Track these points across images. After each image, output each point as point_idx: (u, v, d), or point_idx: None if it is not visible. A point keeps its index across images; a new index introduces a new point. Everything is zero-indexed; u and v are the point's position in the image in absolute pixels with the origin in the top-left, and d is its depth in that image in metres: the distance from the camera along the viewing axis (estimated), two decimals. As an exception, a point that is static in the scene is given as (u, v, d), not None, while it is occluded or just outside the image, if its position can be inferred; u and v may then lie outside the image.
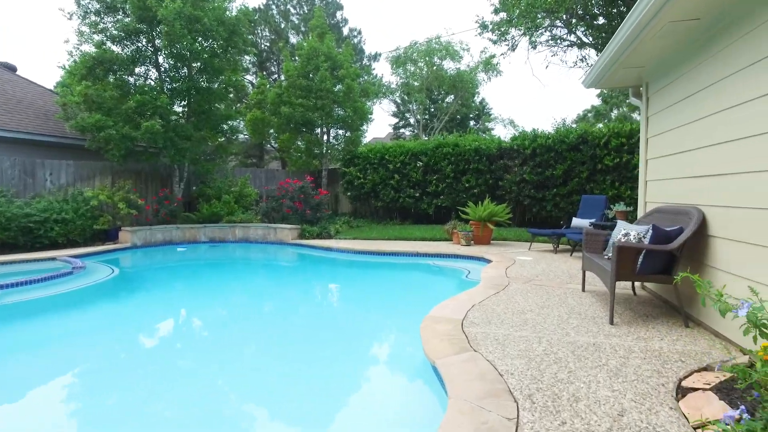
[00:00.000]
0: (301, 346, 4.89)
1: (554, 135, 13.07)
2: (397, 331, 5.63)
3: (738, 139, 3.82)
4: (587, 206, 10.48)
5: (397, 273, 9.21)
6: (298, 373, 4.10)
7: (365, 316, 6.30)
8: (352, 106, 16.95)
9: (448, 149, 14.76)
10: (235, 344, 5.07)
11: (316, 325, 5.79)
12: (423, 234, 12.72)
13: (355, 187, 16.84)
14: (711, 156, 4.26)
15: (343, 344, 4.99)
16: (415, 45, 34.68)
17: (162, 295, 7.60)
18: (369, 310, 6.59)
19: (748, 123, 3.65)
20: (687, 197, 4.80)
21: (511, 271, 7.35)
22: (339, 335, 5.32)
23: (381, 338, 5.42)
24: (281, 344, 5.06)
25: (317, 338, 5.18)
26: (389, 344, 5.21)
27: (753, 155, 3.59)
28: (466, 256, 9.55)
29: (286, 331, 5.55)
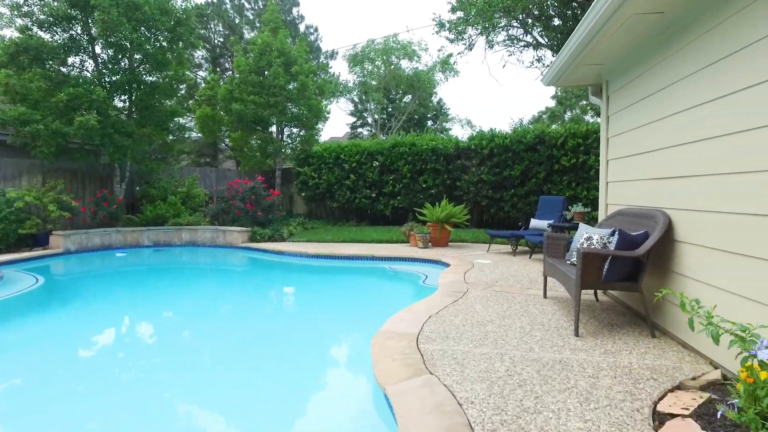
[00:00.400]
0: (234, 366, 4.38)
1: (512, 135, 12.94)
2: (348, 348, 5.17)
3: (704, 140, 3.59)
4: (545, 207, 10.35)
5: (351, 279, 8.76)
6: (222, 403, 3.59)
7: (313, 331, 5.75)
8: (307, 103, 16.37)
9: (405, 149, 14.43)
10: (160, 366, 4.50)
11: (257, 341, 5.26)
12: (379, 236, 12.33)
13: (310, 188, 16.28)
14: (676, 157, 4.04)
15: (286, 366, 4.48)
16: (372, 43, 34.37)
17: (94, 306, 6.86)
18: (317, 323, 6.08)
19: (714, 123, 3.41)
20: (651, 199, 4.58)
21: (470, 276, 7.04)
22: (282, 355, 4.81)
23: (328, 359, 4.87)
24: (211, 364, 4.53)
25: (255, 357, 4.67)
26: (337, 366, 4.68)
27: (721, 156, 3.36)
28: (423, 260, 9.21)
29: (220, 348, 5.00)
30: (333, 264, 9.71)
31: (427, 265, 8.97)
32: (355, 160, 15.26)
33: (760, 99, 2.97)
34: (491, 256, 9.33)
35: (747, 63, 3.10)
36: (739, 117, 3.18)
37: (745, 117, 3.12)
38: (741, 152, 3.18)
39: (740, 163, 3.17)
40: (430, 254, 9.49)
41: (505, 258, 9.01)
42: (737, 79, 3.21)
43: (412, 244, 11.01)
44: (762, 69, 2.96)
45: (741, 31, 3.17)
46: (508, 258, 9.03)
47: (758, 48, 3.01)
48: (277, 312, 6.87)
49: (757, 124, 3.00)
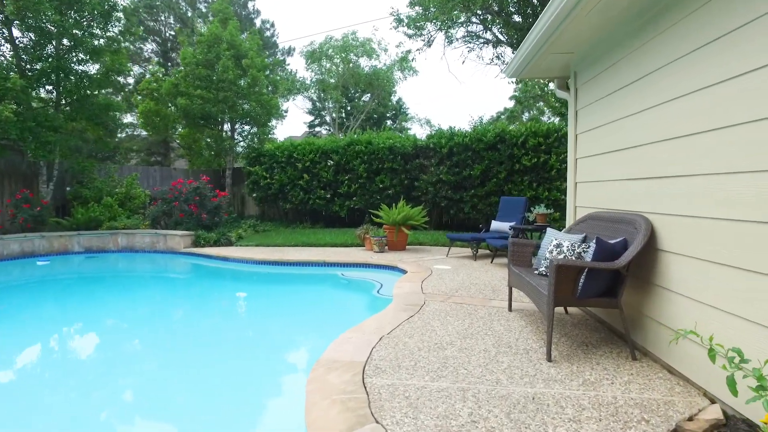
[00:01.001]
0: (146, 406, 3.60)
1: (472, 134, 12.48)
2: (280, 385, 4.13)
3: (690, 135, 3.09)
4: (507, 208, 9.90)
5: (299, 288, 8.02)
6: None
7: (241, 358, 4.70)
8: (258, 99, 15.48)
9: (361, 147, 13.76)
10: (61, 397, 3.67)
11: (179, 374, 4.47)
12: (334, 239, 11.62)
13: (262, 188, 15.38)
14: (658, 155, 3.54)
15: (203, 411, 3.74)
16: (330, 40, 33.58)
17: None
18: (250, 347, 5.21)
19: (703, 116, 2.91)
20: (628, 202, 4.09)
21: (428, 285, 6.44)
22: (202, 394, 4.05)
23: (251, 404, 3.74)
24: (124, 402, 3.73)
25: (173, 393, 3.90)
26: (260, 414, 3.67)
27: (710, 154, 2.85)
28: (378, 266, 8.57)
29: (138, 380, 4.20)
30: (281, 271, 8.94)
31: (383, 272, 8.34)
32: (309, 159, 14.49)
33: (759, 86, 2.46)
34: (451, 260, 8.78)
35: (744, 45, 2.60)
36: (735, 108, 2.67)
37: (741, 108, 2.61)
38: (734, 149, 2.67)
39: (733, 161, 2.67)
40: (386, 259, 8.87)
41: (465, 263, 8.48)
42: (730, 64, 2.71)
43: (367, 248, 10.36)
44: (760, 52, 2.46)
45: (736, 10, 2.67)
46: (468, 263, 8.51)
47: (755, 28, 2.50)
48: (210, 335, 6.05)
49: (755, 116, 2.50)
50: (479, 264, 8.38)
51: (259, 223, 15.31)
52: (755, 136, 2.52)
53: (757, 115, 2.50)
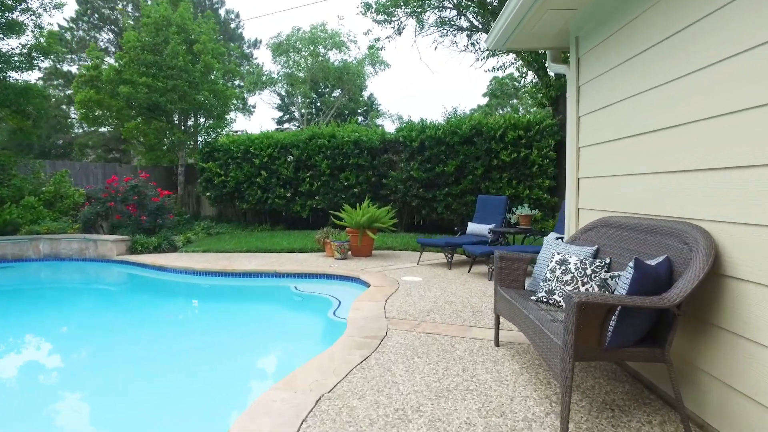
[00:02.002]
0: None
1: (445, 126, 11.32)
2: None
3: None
4: (485, 208, 8.78)
5: (242, 307, 6.70)
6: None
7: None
8: (211, 88, 14.01)
9: (324, 141, 12.45)
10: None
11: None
12: (292, 243, 10.32)
13: (216, 186, 13.92)
14: (724, 133, 2.38)
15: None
16: (298, 32, 32.14)
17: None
18: (149, 403, 3.98)
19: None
20: (664, 206, 2.93)
21: (394, 304, 5.22)
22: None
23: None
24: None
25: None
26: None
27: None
28: (338, 276, 7.32)
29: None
30: (225, 283, 7.60)
31: (343, 285, 7.09)
32: (267, 154, 13.10)
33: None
34: (422, 269, 7.59)
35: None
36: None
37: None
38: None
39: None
40: (348, 268, 7.62)
41: (439, 273, 7.30)
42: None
43: (327, 254, 9.09)
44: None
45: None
46: (442, 272, 7.32)
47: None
48: (101, 390, 4.68)
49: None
50: (455, 274, 7.20)
51: (214, 224, 13.87)
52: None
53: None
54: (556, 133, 10.64)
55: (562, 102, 10.92)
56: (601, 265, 3.16)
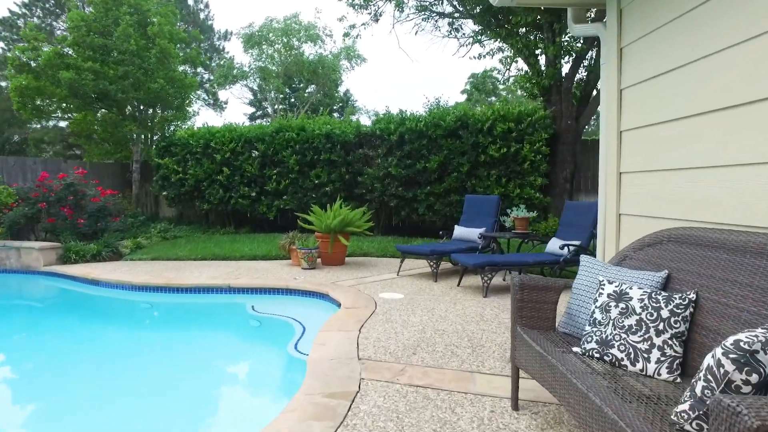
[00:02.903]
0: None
1: (427, 118, 10.20)
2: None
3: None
4: (474, 210, 7.70)
5: (180, 336, 5.44)
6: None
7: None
8: (167, 75, 12.61)
9: (292, 134, 11.20)
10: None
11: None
12: (255, 249, 9.09)
13: (173, 185, 12.54)
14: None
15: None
16: (271, 22, 30.74)
17: None
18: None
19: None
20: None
21: (370, 335, 4.07)
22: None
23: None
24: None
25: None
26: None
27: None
28: (304, 292, 6.13)
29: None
30: (167, 300, 6.35)
31: (309, 303, 5.92)
32: (230, 149, 11.79)
33: None
34: (403, 282, 6.45)
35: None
36: None
37: None
38: None
39: None
40: (316, 280, 6.43)
41: (423, 287, 6.17)
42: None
43: (294, 262, 7.89)
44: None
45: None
46: (427, 285, 6.20)
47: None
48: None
49: None
50: (442, 288, 6.09)
51: (173, 227, 12.51)
52: None
53: None
54: (548, 126, 9.64)
55: (555, 92, 9.92)
56: (682, 303, 2.07)
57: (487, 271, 5.59)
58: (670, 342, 2.04)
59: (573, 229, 6.25)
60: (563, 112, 9.81)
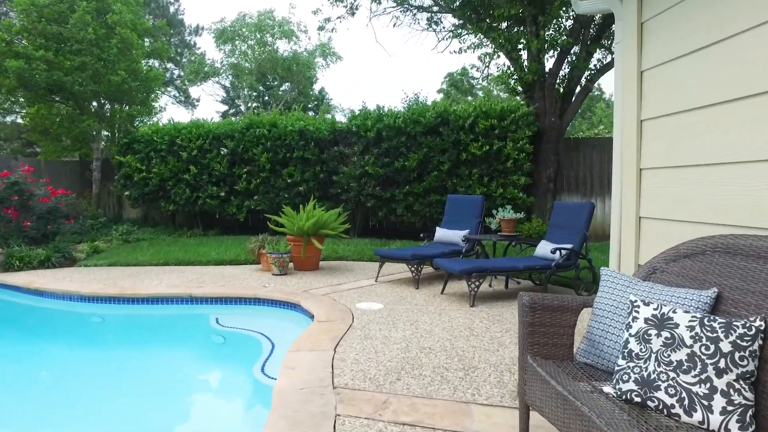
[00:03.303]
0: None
1: (406, 114, 9.71)
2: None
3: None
4: (456, 210, 7.25)
5: (132, 356, 4.81)
6: None
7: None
8: (130, 68, 11.82)
9: (263, 131, 10.58)
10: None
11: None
12: (222, 253, 8.47)
13: (136, 184, 11.79)
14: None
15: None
16: (244, 17, 29.96)
17: None
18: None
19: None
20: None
21: (347, 357, 3.56)
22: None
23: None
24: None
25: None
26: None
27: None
28: (274, 302, 5.56)
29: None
30: (122, 312, 5.70)
31: (279, 314, 5.36)
32: (197, 146, 11.10)
33: None
34: (382, 289, 5.95)
35: None
36: None
37: None
38: None
39: None
40: (288, 288, 5.88)
41: (404, 294, 5.68)
42: None
43: (264, 267, 7.31)
44: None
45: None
46: (408, 293, 5.71)
47: None
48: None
49: None
50: (425, 296, 5.60)
51: (136, 229, 11.75)
52: None
53: None
54: (532, 123, 9.27)
55: (538, 88, 9.56)
56: (747, 333, 1.62)
57: (474, 277, 5.12)
58: (737, 385, 1.58)
59: (563, 232, 5.84)
60: (547, 109, 9.45)
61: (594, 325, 2.15)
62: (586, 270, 5.76)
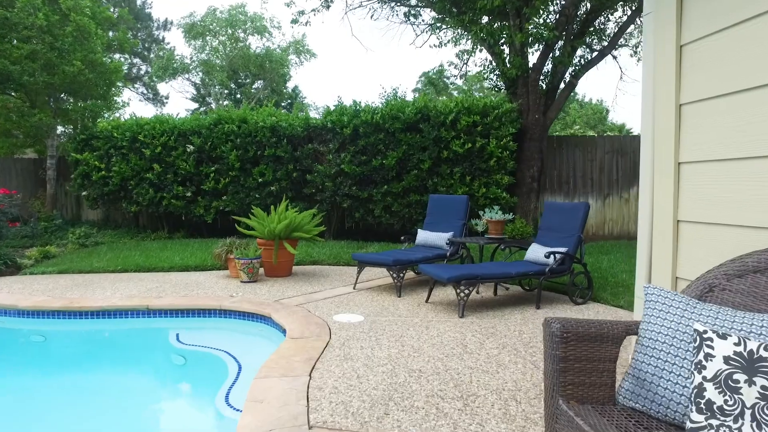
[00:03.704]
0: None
1: (384, 109, 9.22)
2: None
3: None
4: (439, 212, 6.80)
5: (74, 382, 4.19)
6: None
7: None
8: (86, 58, 11.00)
9: (233, 127, 9.94)
10: None
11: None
12: (187, 258, 7.84)
13: (95, 183, 11.00)
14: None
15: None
16: (214, 12, 29.08)
17: None
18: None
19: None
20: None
21: (324, 385, 3.05)
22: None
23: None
24: None
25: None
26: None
27: None
28: (242, 314, 5.00)
29: None
30: (68, 328, 5.05)
31: (248, 329, 4.81)
32: (161, 143, 10.38)
33: None
34: (362, 298, 5.45)
35: None
36: None
37: None
38: None
39: None
40: (257, 298, 5.32)
41: (386, 303, 5.19)
42: None
43: (232, 274, 6.72)
44: None
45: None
46: (390, 303, 5.22)
47: None
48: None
49: None
50: (408, 305, 5.12)
51: (96, 232, 10.95)
52: None
53: None
54: (516, 119, 8.90)
55: (521, 84, 9.20)
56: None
57: (464, 285, 4.67)
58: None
59: (556, 234, 5.46)
60: (530, 106, 9.10)
61: (642, 359, 1.69)
62: (582, 275, 5.37)
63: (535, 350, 3.70)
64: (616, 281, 6.04)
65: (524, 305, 5.11)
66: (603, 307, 5.05)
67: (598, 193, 10.07)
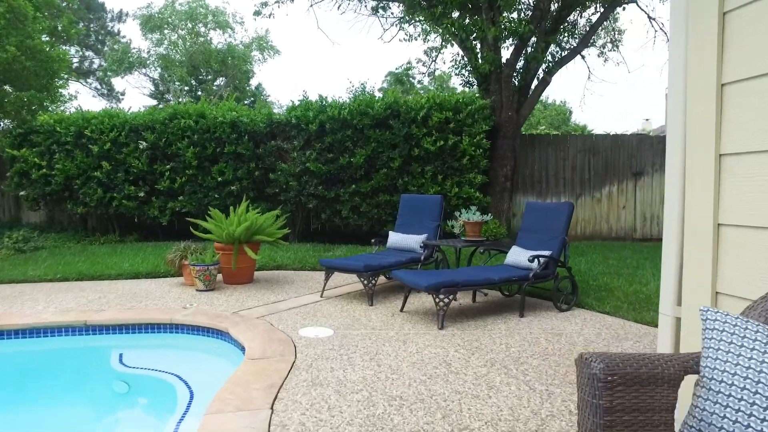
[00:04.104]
0: None
1: (352, 105, 8.75)
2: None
3: None
4: (412, 212, 6.39)
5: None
6: None
7: None
8: (23, 44, 10.07)
9: (189, 122, 9.26)
10: None
11: None
12: (138, 264, 7.19)
13: (35, 182, 10.09)
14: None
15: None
16: (173, 4, 27.95)
17: None
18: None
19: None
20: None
21: (288, 422, 2.57)
22: None
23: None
24: None
25: None
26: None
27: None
28: (195, 328, 4.44)
29: None
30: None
31: (202, 346, 4.26)
32: (110, 139, 9.59)
33: None
34: (330, 307, 4.97)
35: None
36: None
37: None
38: None
39: None
40: (213, 309, 4.76)
41: (357, 314, 4.72)
42: None
43: (187, 281, 6.12)
44: None
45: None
46: (362, 313, 4.76)
47: None
48: None
49: None
50: (382, 316, 4.67)
51: (37, 235, 10.08)
52: None
53: None
54: (489, 116, 8.59)
55: (494, 80, 8.90)
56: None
57: (443, 293, 4.25)
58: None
59: (538, 236, 5.12)
60: (503, 102, 8.82)
61: (711, 408, 1.29)
62: (566, 280, 5.05)
63: (526, 367, 3.31)
64: (597, 284, 5.77)
65: (506, 313, 4.75)
66: (590, 314, 4.73)
67: (570, 192, 9.88)
